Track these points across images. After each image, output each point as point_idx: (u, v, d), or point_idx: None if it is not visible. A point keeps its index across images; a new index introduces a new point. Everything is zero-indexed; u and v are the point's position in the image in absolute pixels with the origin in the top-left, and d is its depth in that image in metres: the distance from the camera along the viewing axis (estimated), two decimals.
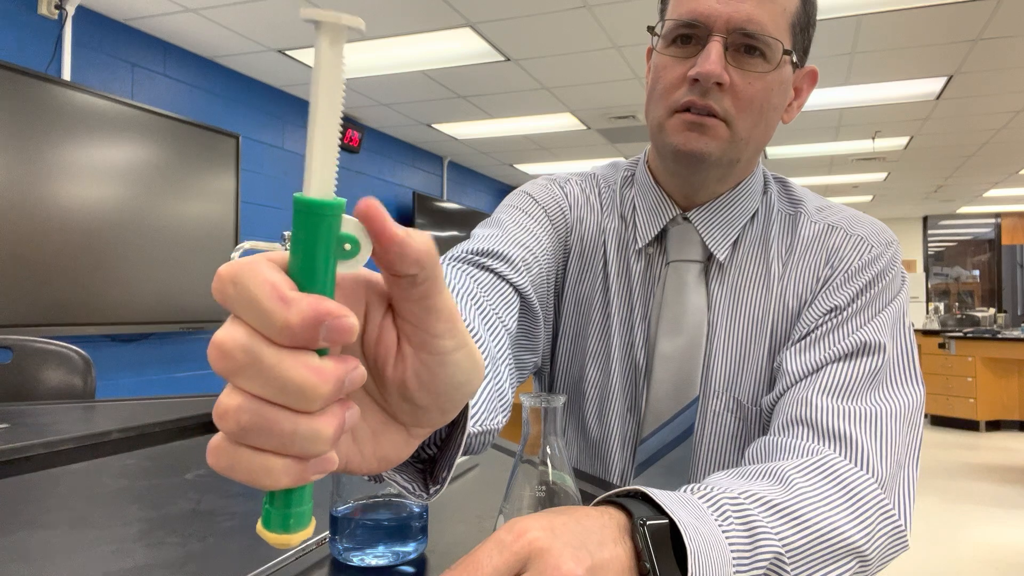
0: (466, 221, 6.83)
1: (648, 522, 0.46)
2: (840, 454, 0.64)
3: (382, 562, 0.56)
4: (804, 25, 0.79)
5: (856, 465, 0.63)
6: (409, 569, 0.56)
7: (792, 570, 0.54)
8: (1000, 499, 4.21)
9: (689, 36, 0.76)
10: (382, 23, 3.52)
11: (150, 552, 0.59)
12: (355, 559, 0.56)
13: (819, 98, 4.73)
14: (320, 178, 0.28)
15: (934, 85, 4.44)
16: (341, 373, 0.27)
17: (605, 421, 0.86)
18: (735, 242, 0.84)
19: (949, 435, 6.21)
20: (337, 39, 0.28)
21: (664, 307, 0.83)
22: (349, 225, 0.29)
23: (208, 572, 0.55)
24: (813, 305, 0.79)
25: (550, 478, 0.57)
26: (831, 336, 0.74)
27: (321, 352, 0.27)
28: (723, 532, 0.52)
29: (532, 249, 0.81)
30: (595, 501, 0.51)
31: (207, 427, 1.39)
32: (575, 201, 0.91)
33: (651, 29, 0.80)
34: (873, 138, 5.82)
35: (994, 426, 6.40)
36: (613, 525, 0.46)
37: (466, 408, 0.43)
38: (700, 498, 0.54)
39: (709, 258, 0.84)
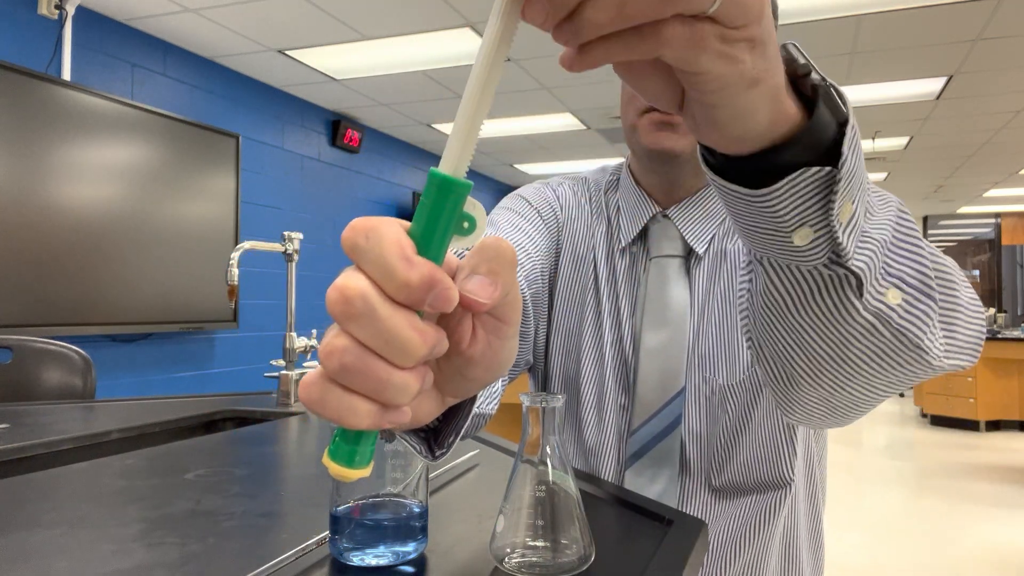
0: None
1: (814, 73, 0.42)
2: None
3: (382, 562, 0.56)
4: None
5: None
6: (409, 569, 0.56)
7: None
8: (1000, 499, 4.21)
9: None
10: (382, 23, 3.52)
11: (150, 552, 0.59)
12: (355, 559, 0.56)
13: None
14: (459, 158, 0.30)
15: (934, 85, 4.44)
16: (435, 339, 0.30)
17: (598, 415, 0.89)
18: (716, 235, 0.87)
19: (949, 435, 6.21)
20: (512, 15, 0.29)
21: (648, 302, 0.86)
22: (471, 206, 0.31)
23: (208, 572, 0.55)
24: None
25: (550, 478, 0.57)
26: None
27: (419, 315, 0.30)
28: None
29: (525, 248, 0.83)
30: None
31: (207, 427, 1.39)
32: (566, 203, 0.95)
33: None
34: (873, 138, 5.82)
35: (994, 426, 6.40)
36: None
37: None
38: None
39: (690, 252, 0.87)
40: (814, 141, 0.39)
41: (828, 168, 0.39)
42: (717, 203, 0.87)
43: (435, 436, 0.47)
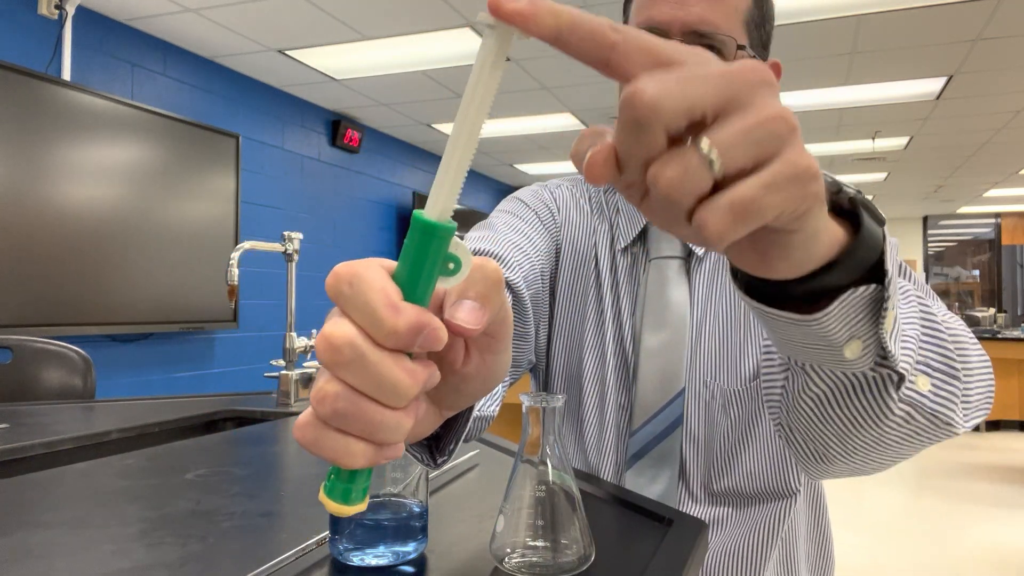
0: (466, 221, 6.83)
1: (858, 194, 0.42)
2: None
3: (382, 562, 0.56)
4: (759, 21, 0.83)
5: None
6: (409, 569, 0.56)
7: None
8: (1000, 499, 4.21)
9: None
10: (382, 23, 3.52)
11: (150, 552, 0.59)
12: (355, 559, 0.56)
13: (819, 98, 4.73)
14: (445, 202, 0.30)
15: (934, 85, 4.44)
16: (426, 376, 0.31)
17: (599, 415, 0.89)
18: None
19: None
20: (503, 49, 0.29)
21: (647, 302, 0.87)
22: (455, 247, 0.31)
23: (208, 572, 0.55)
24: None
25: (550, 478, 0.57)
26: None
27: (409, 355, 0.31)
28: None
29: (524, 248, 0.83)
30: None
31: (207, 427, 1.39)
32: (564, 204, 0.95)
33: None
34: (873, 138, 5.82)
35: (994, 426, 6.41)
36: None
37: None
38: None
39: (690, 254, 0.87)
40: (861, 257, 0.39)
41: (875, 286, 0.40)
42: None
43: (436, 443, 0.47)
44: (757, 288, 0.41)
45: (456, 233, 0.31)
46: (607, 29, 0.28)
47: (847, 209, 0.40)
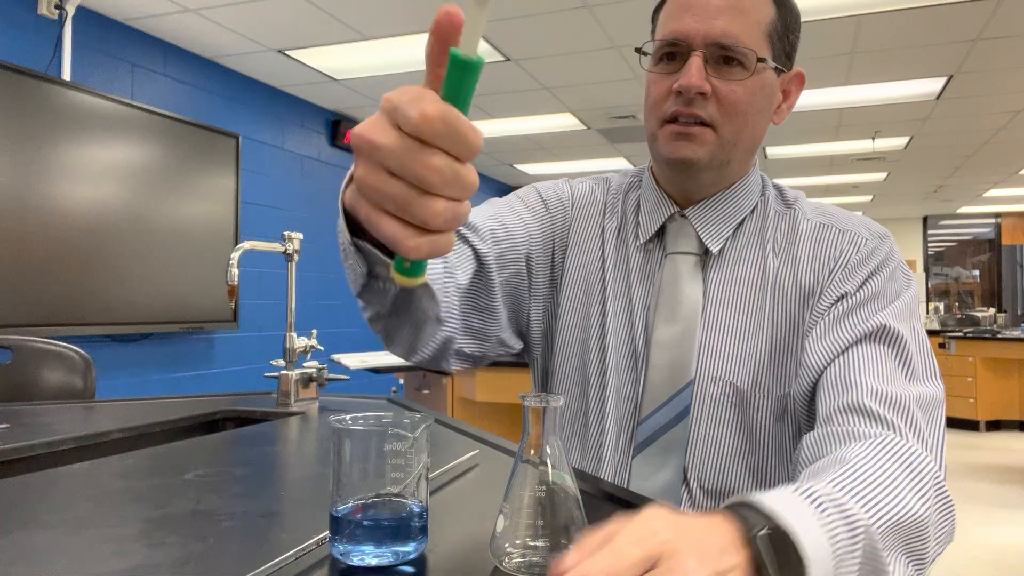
0: None
1: (761, 532, 0.49)
2: (896, 434, 0.68)
3: (382, 562, 0.56)
4: (782, 32, 0.86)
5: (917, 444, 0.67)
6: (409, 569, 0.56)
7: (885, 555, 0.57)
8: (1000, 499, 4.21)
9: (673, 54, 0.84)
10: (382, 23, 3.52)
11: (150, 552, 0.59)
12: (355, 559, 0.56)
13: (819, 98, 4.73)
14: (473, 40, 0.40)
15: (934, 85, 4.44)
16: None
17: (609, 403, 0.90)
18: (731, 236, 0.90)
19: (949, 435, 6.21)
20: None
21: (661, 296, 0.89)
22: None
23: (208, 572, 0.55)
24: (820, 299, 0.83)
25: (550, 478, 0.57)
26: (848, 319, 0.79)
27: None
28: (826, 529, 0.54)
29: (508, 226, 0.87)
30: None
31: (207, 427, 1.39)
32: (580, 199, 0.98)
33: (639, 50, 0.88)
34: (873, 138, 5.82)
35: (994, 426, 6.40)
36: (732, 533, 0.49)
37: None
38: (800, 494, 0.56)
39: (706, 252, 0.89)
40: None
41: None
42: (734, 205, 0.90)
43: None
44: None
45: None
46: None
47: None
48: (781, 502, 0.52)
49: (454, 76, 0.40)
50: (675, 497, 0.85)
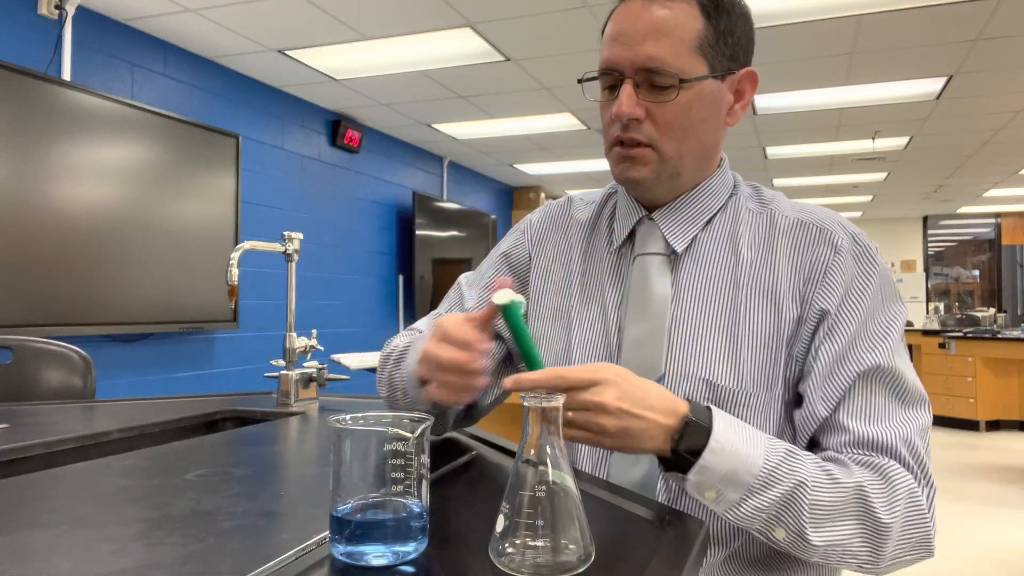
0: (466, 221, 6.83)
1: (695, 420, 0.72)
2: (893, 459, 0.78)
3: (382, 562, 0.56)
4: (715, 40, 0.87)
5: (908, 472, 0.77)
6: (409, 569, 0.56)
7: (808, 500, 0.72)
8: (1000, 499, 4.21)
9: (610, 82, 0.89)
10: (382, 23, 3.52)
11: (150, 552, 0.59)
12: (355, 559, 0.56)
13: (819, 98, 4.73)
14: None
15: (934, 85, 4.44)
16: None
17: None
18: (699, 235, 0.93)
19: (949, 435, 6.21)
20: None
21: (631, 296, 0.92)
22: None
23: (208, 572, 0.55)
24: (807, 312, 0.85)
25: (550, 478, 0.57)
26: (843, 367, 0.81)
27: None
28: (763, 455, 0.73)
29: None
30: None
31: (207, 427, 1.39)
32: (541, 223, 1.06)
33: (581, 80, 0.95)
34: (873, 138, 5.82)
35: (994, 426, 6.40)
36: (672, 407, 0.73)
37: None
38: (767, 438, 0.76)
39: (673, 252, 0.92)
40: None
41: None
42: (699, 207, 0.93)
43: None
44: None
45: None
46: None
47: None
48: (733, 422, 0.75)
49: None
50: (653, 490, 0.86)
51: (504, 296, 0.70)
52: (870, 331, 0.82)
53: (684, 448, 0.71)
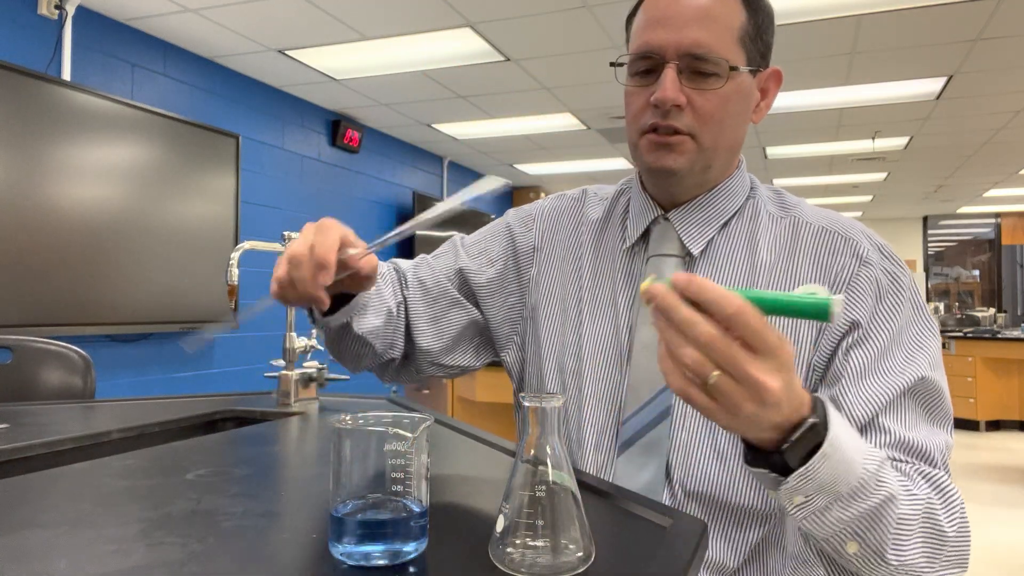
0: (466, 221, 6.82)
1: (816, 421, 0.60)
2: (932, 466, 0.79)
3: (382, 562, 0.56)
4: (755, 34, 0.86)
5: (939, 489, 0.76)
6: (409, 569, 0.56)
7: (896, 515, 0.66)
8: (1000, 499, 4.21)
9: (648, 66, 0.85)
10: (382, 23, 3.52)
11: (150, 552, 0.59)
12: (355, 559, 0.56)
13: (819, 98, 4.73)
14: None
15: (934, 85, 4.44)
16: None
17: (582, 409, 0.92)
18: (715, 237, 0.90)
19: None
20: None
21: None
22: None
23: (208, 572, 0.55)
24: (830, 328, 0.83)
25: (550, 478, 0.57)
26: (878, 375, 0.79)
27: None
28: (862, 463, 0.63)
29: (472, 256, 1.05)
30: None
31: (207, 427, 1.39)
32: (552, 212, 1.04)
33: (614, 64, 0.90)
34: (873, 138, 5.82)
35: (994, 426, 6.40)
36: (800, 400, 0.60)
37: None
38: (862, 439, 0.68)
39: (688, 254, 0.90)
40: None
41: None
42: (717, 208, 0.91)
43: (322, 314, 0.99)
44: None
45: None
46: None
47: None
48: (844, 421, 0.64)
49: None
50: (658, 496, 0.85)
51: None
52: (904, 342, 0.81)
53: (797, 452, 0.60)
